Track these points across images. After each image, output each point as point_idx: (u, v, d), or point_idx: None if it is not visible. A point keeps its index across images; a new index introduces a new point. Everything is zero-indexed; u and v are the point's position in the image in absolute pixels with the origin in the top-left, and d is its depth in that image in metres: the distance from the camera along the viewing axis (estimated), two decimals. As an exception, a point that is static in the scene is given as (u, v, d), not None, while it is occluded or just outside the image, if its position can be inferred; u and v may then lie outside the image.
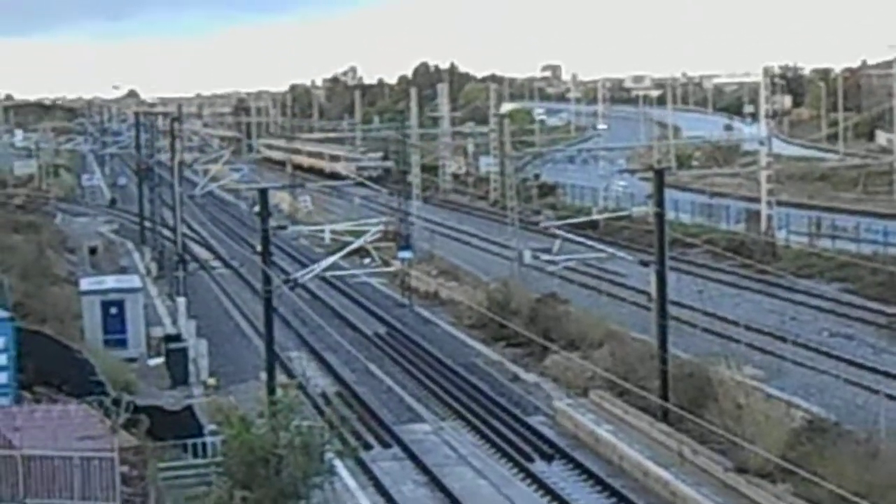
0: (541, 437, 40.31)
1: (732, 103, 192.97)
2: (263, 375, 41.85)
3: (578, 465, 37.39)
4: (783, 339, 49.66)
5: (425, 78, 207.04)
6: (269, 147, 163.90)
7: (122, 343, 50.83)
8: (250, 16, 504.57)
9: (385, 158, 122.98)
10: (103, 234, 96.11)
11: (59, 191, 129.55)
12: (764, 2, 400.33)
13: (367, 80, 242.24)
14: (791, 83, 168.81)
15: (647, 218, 57.07)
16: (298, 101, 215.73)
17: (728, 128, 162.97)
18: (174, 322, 57.27)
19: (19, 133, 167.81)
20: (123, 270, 72.89)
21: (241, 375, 49.22)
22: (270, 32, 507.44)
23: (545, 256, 60.54)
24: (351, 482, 35.04)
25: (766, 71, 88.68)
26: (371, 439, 40.98)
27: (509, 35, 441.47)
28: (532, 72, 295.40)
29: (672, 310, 42.41)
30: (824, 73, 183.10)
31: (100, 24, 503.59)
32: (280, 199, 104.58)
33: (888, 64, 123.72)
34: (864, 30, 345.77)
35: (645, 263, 45.79)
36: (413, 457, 38.98)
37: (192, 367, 48.61)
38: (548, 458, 38.42)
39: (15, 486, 25.72)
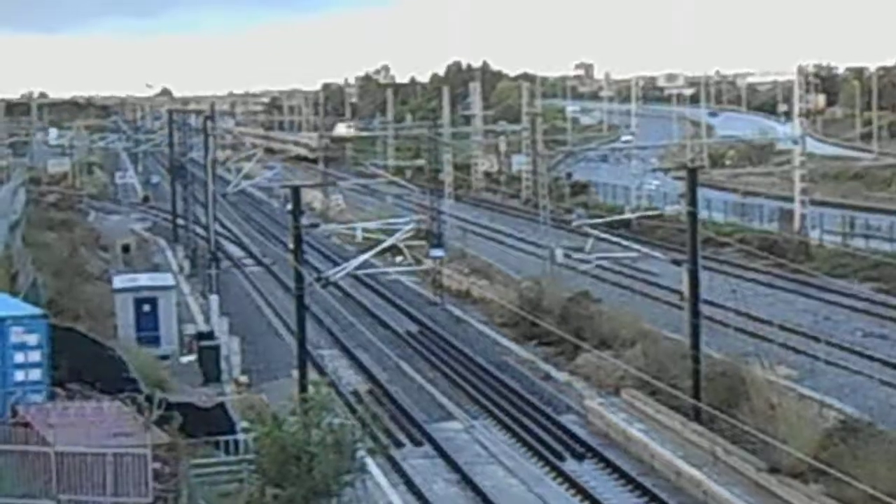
0: (572, 435, 40.28)
1: (766, 102, 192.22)
2: (295, 373, 41.95)
3: (610, 465, 37.34)
4: (816, 339, 49.43)
5: (457, 76, 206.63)
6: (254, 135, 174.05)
7: (155, 340, 51.00)
8: (282, 14, 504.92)
9: (416, 156, 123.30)
10: (136, 231, 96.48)
11: (92, 189, 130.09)
12: (798, 0, 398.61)
13: (400, 79, 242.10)
14: (825, 82, 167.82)
15: (679, 217, 57.01)
16: (331, 100, 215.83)
17: (713, 115, 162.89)
18: (207, 320, 57.45)
19: (53, 131, 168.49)
20: (156, 268, 73.20)
21: (273, 373, 49.38)
22: (303, 31, 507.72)
23: (577, 255, 60.55)
24: (382, 480, 35.08)
25: (801, 69, 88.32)
26: (402, 437, 41.03)
27: (542, 33, 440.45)
28: (565, 70, 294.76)
29: (705, 309, 42.33)
30: (859, 72, 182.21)
31: (132, 21, 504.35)
32: (312, 197, 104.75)
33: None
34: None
35: (677, 262, 45.76)
36: (444, 455, 39.02)
37: (224, 365, 48.80)
38: (579, 457, 38.39)
39: (48, 482, 25.82)
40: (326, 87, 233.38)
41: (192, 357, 50.07)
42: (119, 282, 55.88)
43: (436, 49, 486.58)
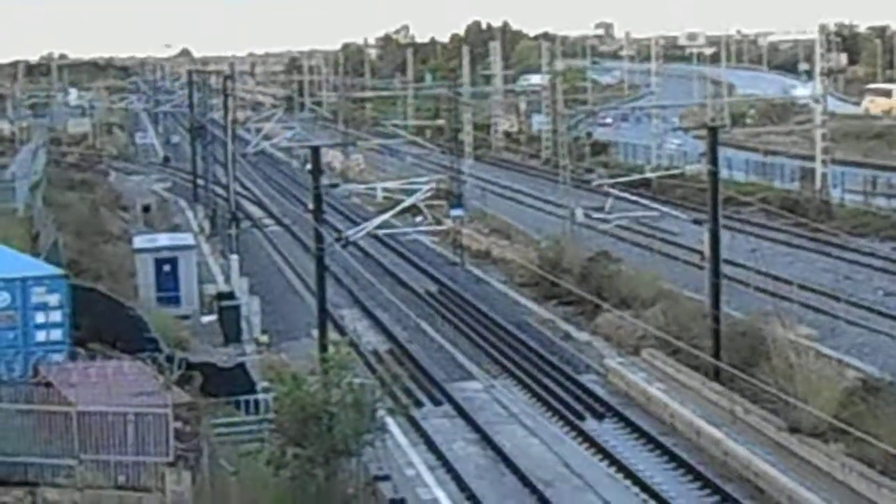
0: (592, 395, 40.30)
1: (787, 61, 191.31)
2: (315, 333, 42.01)
3: (630, 424, 37.37)
4: (837, 299, 49.34)
5: (478, 36, 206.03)
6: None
7: (176, 300, 51.13)
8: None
9: (436, 116, 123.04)
10: (156, 192, 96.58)
11: (112, 149, 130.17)
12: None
13: (420, 39, 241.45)
14: (846, 41, 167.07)
15: (700, 176, 56.82)
16: (350, 60, 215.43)
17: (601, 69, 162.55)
18: (227, 279, 57.57)
19: (73, 92, 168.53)
20: (176, 228, 73.27)
21: (293, 333, 49.48)
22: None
23: (597, 215, 60.47)
24: (402, 439, 35.20)
25: (822, 28, 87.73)
26: (422, 397, 41.09)
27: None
28: (585, 29, 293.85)
29: (725, 268, 42.25)
30: (880, 31, 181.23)
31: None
32: (332, 157, 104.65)
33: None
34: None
35: (698, 222, 45.66)
36: (464, 414, 39.06)
37: (244, 325, 48.89)
38: (599, 417, 38.43)
39: (70, 441, 25.93)
40: (346, 46, 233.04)
41: (213, 317, 50.17)
42: (139, 242, 55.98)
43: (456, 8, 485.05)
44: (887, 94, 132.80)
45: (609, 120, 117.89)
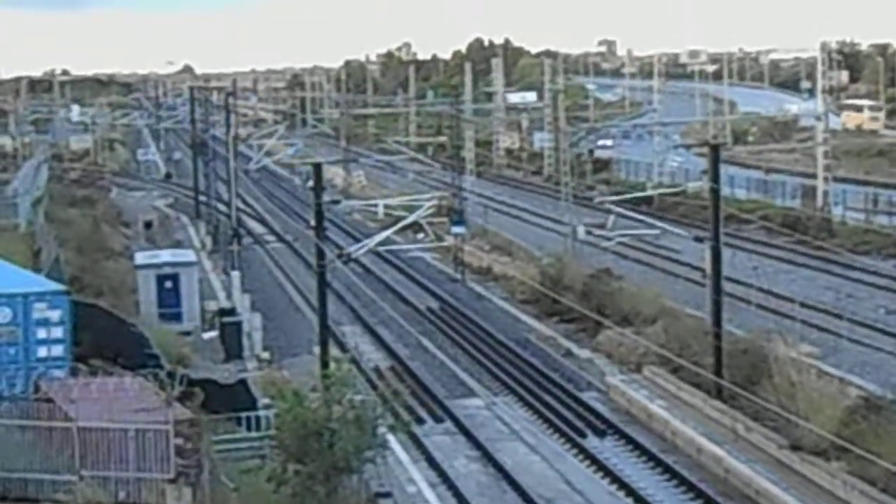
0: (593, 412, 40.26)
1: (789, 78, 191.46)
2: (317, 349, 42.01)
3: (631, 441, 37.33)
4: (839, 317, 49.30)
5: (479, 53, 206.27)
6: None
7: (177, 317, 51.13)
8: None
9: (438, 133, 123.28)
10: (158, 208, 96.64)
11: (114, 165, 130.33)
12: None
13: (422, 56, 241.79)
14: (848, 58, 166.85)
15: (702, 193, 56.85)
16: (353, 77, 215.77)
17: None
18: (228, 296, 57.55)
19: (76, 108, 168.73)
20: (178, 244, 73.29)
21: (295, 349, 49.46)
22: (325, 7, 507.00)
23: (599, 232, 60.48)
24: (403, 456, 35.14)
25: (824, 46, 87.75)
26: (424, 414, 41.07)
27: (564, 10, 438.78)
28: (587, 47, 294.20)
29: (727, 286, 42.21)
30: (882, 49, 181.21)
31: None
32: (334, 173, 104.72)
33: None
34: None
35: (700, 239, 45.63)
36: (465, 431, 39.04)
37: (246, 341, 48.90)
38: (600, 434, 38.39)
39: (71, 457, 25.92)
40: (348, 63, 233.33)
41: (214, 333, 50.17)
42: (141, 258, 56.01)
43: (458, 26, 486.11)
44: (859, 109, 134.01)
45: (609, 142, 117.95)
